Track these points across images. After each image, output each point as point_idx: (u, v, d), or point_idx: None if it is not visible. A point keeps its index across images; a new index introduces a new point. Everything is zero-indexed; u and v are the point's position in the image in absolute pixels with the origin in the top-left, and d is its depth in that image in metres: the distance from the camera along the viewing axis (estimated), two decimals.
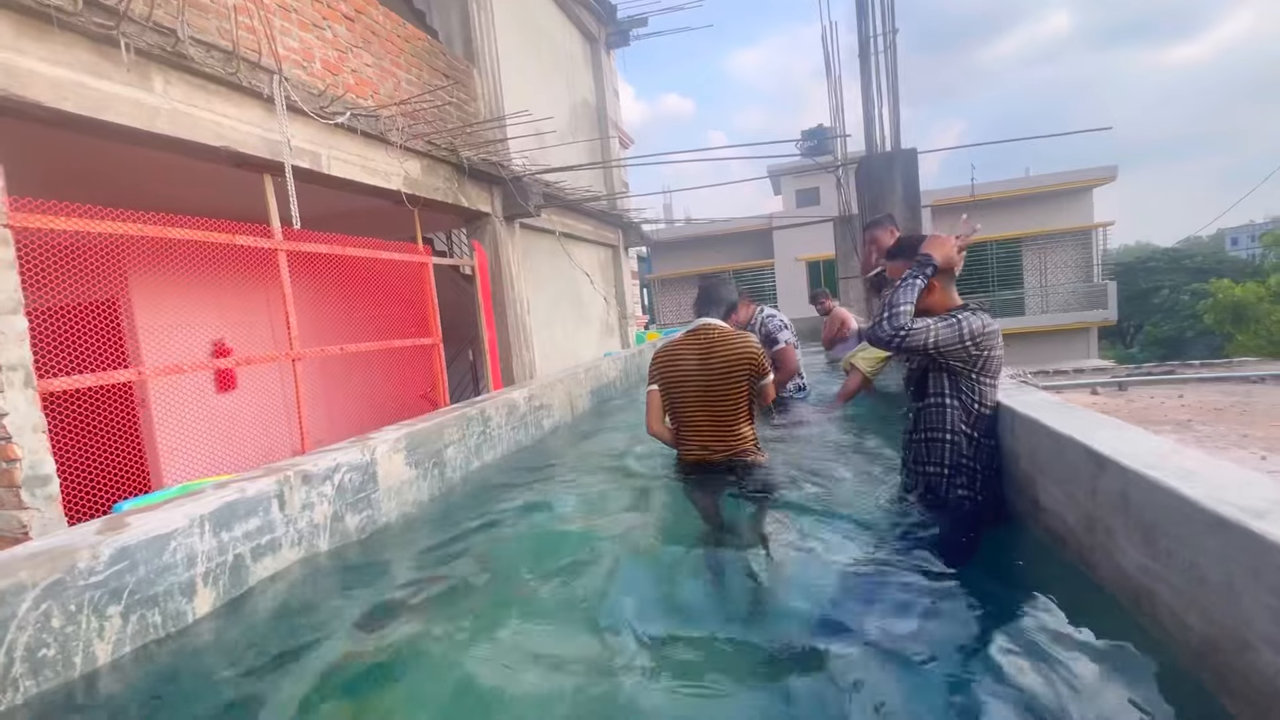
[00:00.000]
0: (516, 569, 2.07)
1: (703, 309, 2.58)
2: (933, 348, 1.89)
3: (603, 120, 10.35)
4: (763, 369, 2.45)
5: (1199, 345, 20.30)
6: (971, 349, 1.87)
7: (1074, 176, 16.47)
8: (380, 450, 2.46)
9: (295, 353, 3.92)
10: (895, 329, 1.91)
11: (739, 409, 2.44)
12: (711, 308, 2.57)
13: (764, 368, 2.45)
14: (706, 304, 2.59)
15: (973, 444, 1.91)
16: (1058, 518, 1.54)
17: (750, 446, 2.49)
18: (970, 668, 1.35)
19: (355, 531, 2.29)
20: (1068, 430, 1.50)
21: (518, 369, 6.40)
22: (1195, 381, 9.51)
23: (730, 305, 2.62)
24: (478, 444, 3.16)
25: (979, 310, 1.93)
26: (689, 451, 2.51)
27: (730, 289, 2.67)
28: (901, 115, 5.79)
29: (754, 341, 2.46)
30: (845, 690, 1.31)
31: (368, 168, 4.44)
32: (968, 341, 1.86)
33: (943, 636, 1.46)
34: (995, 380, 1.92)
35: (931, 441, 1.97)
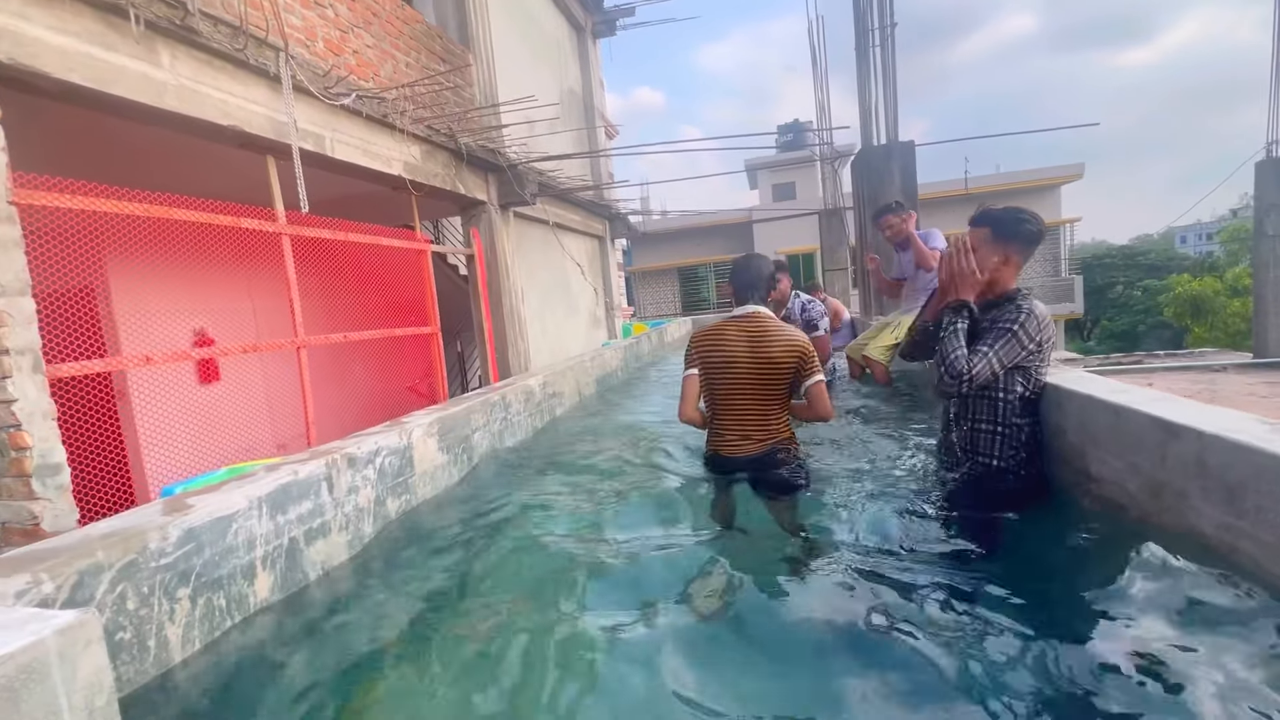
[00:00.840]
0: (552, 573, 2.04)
1: (746, 293, 2.40)
2: (1001, 369, 1.87)
3: (589, 110, 10.29)
4: (813, 366, 2.30)
5: (1152, 338, 21.21)
6: (1034, 347, 1.87)
7: (1044, 174, 17.00)
8: (416, 434, 2.42)
9: (301, 340, 3.82)
10: (957, 376, 1.86)
11: (783, 400, 2.35)
12: (754, 291, 2.39)
13: (814, 365, 2.31)
14: (750, 287, 2.39)
15: (1024, 431, 1.91)
16: (1115, 486, 1.61)
17: (791, 436, 2.40)
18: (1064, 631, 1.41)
19: (395, 515, 2.25)
20: (1129, 403, 1.56)
21: (513, 359, 6.34)
22: (1162, 371, 9.92)
23: (771, 282, 2.48)
24: (500, 429, 3.14)
25: (1029, 298, 1.94)
26: (726, 441, 2.37)
27: (768, 263, 2.50)
28: (888, 110, 5.93)
29: (803, 337, 2.34)
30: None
31: (370, 152, 4.34)
32: (1030, 344, 1.86)
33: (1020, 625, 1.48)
34: (1048, 364, 1.96)
35: (980, 432, 1.97)
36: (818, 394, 2.30)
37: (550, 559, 1.96)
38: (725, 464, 2.37)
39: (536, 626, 1.58)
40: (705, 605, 1.64)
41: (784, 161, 20.16)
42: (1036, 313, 1.89)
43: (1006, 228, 2.00)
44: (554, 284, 8.54)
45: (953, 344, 1.91)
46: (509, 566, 1.99)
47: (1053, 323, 1.94)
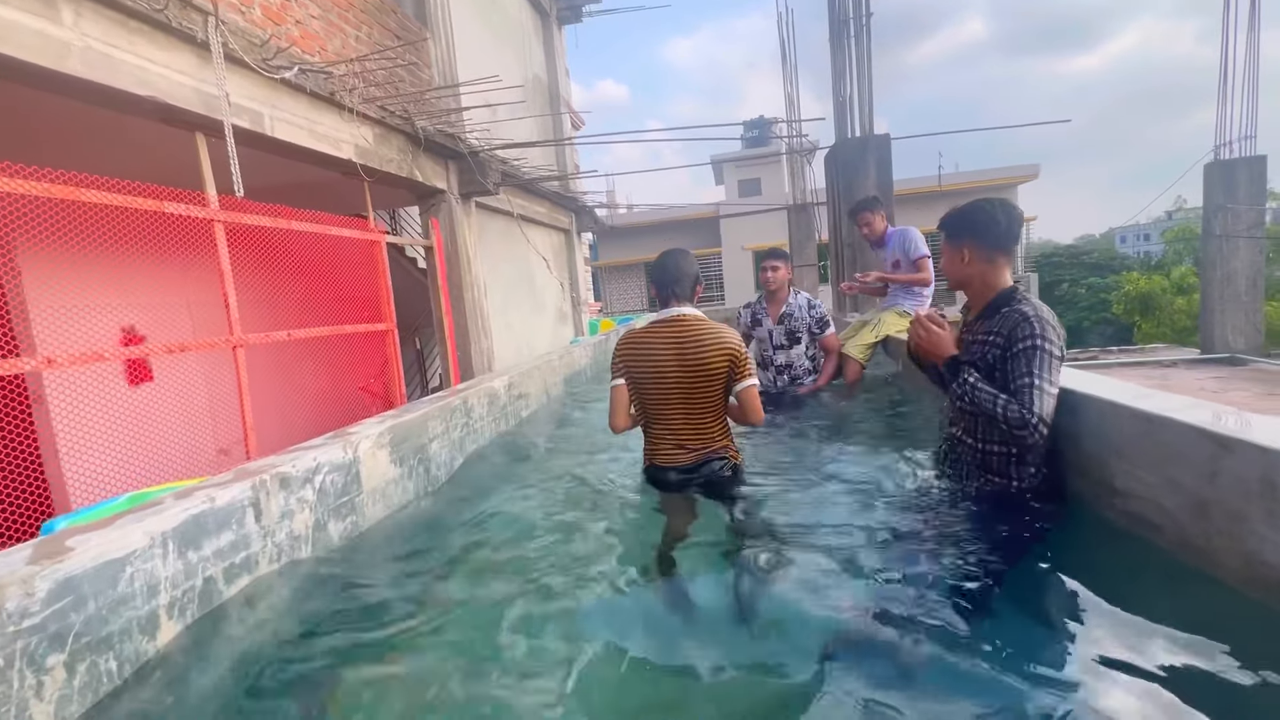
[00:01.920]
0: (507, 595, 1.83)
1: (668, 292, 2.18)
2: (1054, 390, 1.66)
3: (554, 98, 9.96)
4: (746, 369, 2.14)
5: (1095, 334, 22.04)
6: (1062, 355, 1.70)
7: (1003, 173, 17.38)
8: (363, 447, 2.14)
9: (238, 338, 3.46)
10: (1024, 426, 1.63)
11: (718, 406, 2.18)
12: (677, 290, 2.18)
13: (748, 367, 2.15)
14: (672, 284, 2.18)
15: (1041, 447, 1.72)
16: (1148, 503, 1.46)
17: (728, 443, 2.24)
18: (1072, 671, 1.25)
19: (339, 540, 1.98)
20: (1163, 411, 1.41)
21: (476, 357, 6.03)
22: (1117, 366, 10.17)
23: (695, 279, 2.24)
24: (461, 437, 2.87)
25: (1026, 300, 1.77)
26: (660, 452, 2.21)
27: (689, 260, 2.26)
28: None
29: (735, 335, 2.16)
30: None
31: (316, 132, 3.98)
32: (1060, 355, 1.67)
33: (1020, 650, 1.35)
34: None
35: (993, 454, 1.80)
36: (749, 398, 2.16)
37: (513, 594, 1.72)
38: (661, 475, 2.23)
39: (498, 676, 1.34)
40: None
41: (750, 157, 20.13)
42: (1044, 316, 1.71)
43: (951, 225, 1.89)
44: (519, 278, 8.22)
45: (984, 396, 1.70)
46: (470, 596, 1.75)
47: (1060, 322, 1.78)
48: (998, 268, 1.87)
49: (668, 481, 2.20)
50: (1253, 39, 8.98)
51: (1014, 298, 1.82)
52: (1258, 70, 9.01)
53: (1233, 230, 9.06)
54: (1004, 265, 1.87)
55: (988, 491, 1.84)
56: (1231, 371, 8.57)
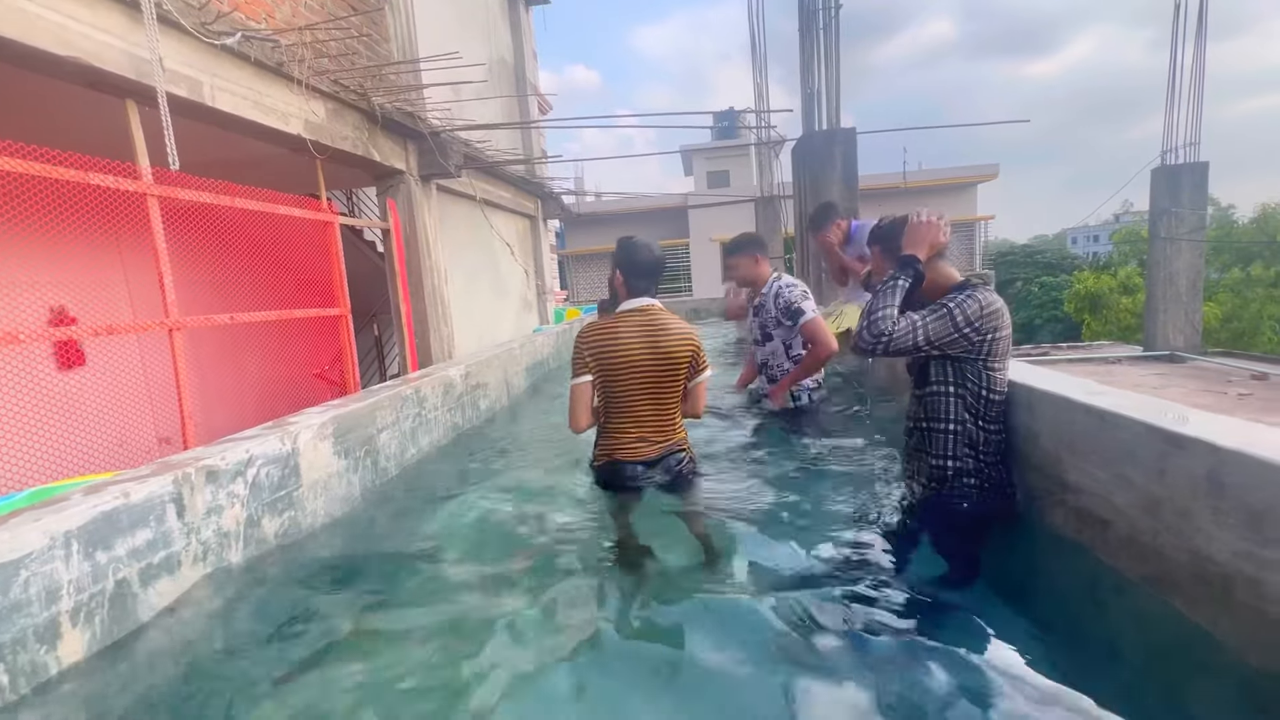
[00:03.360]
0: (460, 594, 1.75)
1: (636, 284, 2.18)
2: (925, 345, 1.76)
3: (521, 81, 9.72)
4: (705, 361, 2.20)
5: (1046, 331, 22.87)
6: (972, 335, 1.73)
7: (963, 172, 17.77)
8: (303, 438, 2.02)
9: (173, 321, 3.26)
10: (876, 336, 1.77)
11: (679, 398, 2.20)
12: (645, 280, 2.18)
13: (705, 361, 2.21)
14: (639, 276, 2.18)
15: (979, 432, 1.80)
16: (1098, 499, 1.47)
17: (685, 437, 2.27)
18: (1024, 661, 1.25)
19: (275, 538, 1.86)
20: (1116, 408, 1.42)
21: (436, 345, 5.86)
22: (1065, 362, 10.51)
23: (660, 270, 2.24)
24: (413, 428, 2.76)
25: (980, 287, 1.81)
26: (623, 445, 2.16)
27: (654, 250, 2.25)
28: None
29: (696, 332, 2.20)
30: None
31: (262, 105, 3.76)
32: (965, 329, 1.73)
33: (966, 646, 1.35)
34: (1004, 363, 1.81)
35: (934, 432, 1.86)
36: (700, 391, 2.23)
37: (461, 593, 1.65)
38: (622, 470, 2.15)
39: (440, 685, 1.27)
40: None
41: (719, 148, 20.12)
42: (980, 298, 1.74)
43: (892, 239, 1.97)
44: (482, 265, 8.02)
45: (885, 299, 1.80)
46: (413, 597, 1.67)
47: (1004, 316, 1.77)
48: (940, 268, 1.90)
49: (625, 477, 2.16)
50: (1199, 51, 9.34)
51: (968, 283, 1.84)
52: (1203, 81, 9.37)
53: (1176, 233, 9.45)
54: (944, 264, 1.92)
55: (933, 479, 1.86)
56: (1171, 368, 8.97)
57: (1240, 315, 13.53)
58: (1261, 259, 13.82)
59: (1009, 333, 1.79)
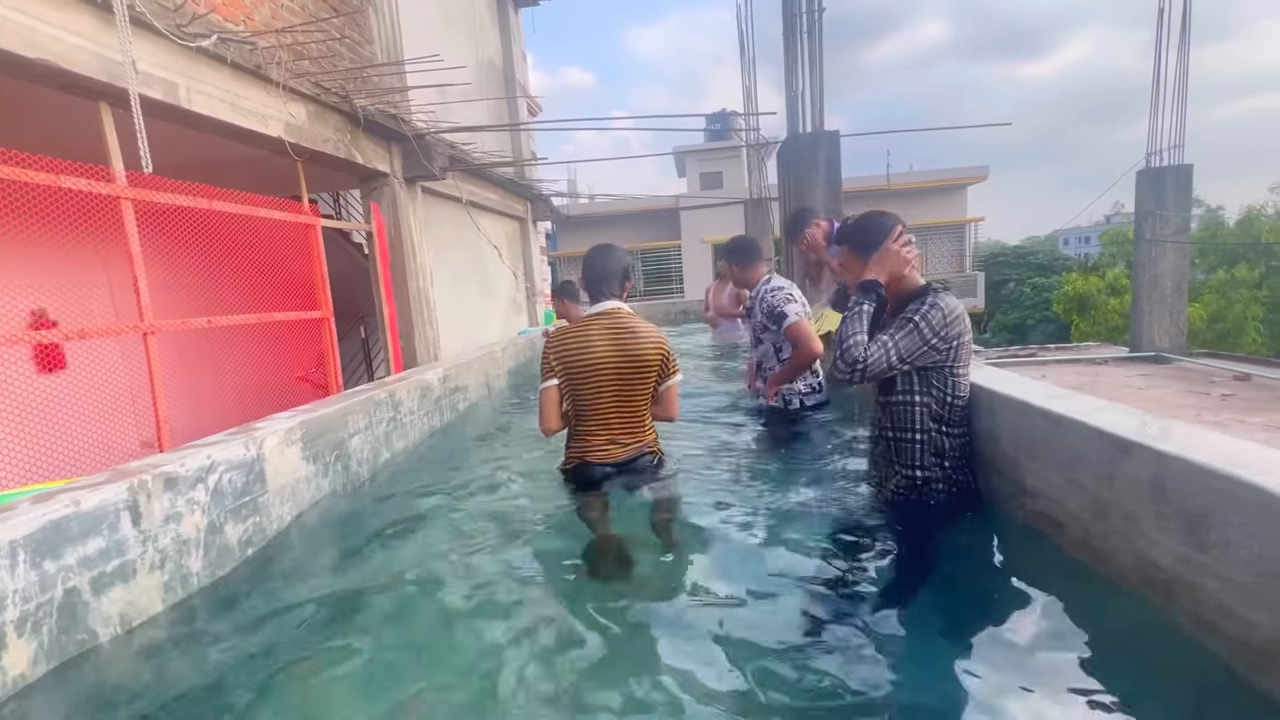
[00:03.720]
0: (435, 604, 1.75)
1: (600, 288, 2.20)
2: (899, 363, 1.76)
3: (510, 83, 9.71)
4: (674, 366, 2.22)
5: (1038, 332, 23.02)
6: (940, 344, 1.75)
7: (953, 174, 17.87)
8: (269, 443, 2.01)
9: (148, 325, 3.24)
10: (850, 365, 1.78)
11: (648, 400, 2.22)
12: (607, 286, 2.20)
13: (674, 365, 2.23)
14: (602, 280, 2.20)
15: (944, 440, 1.81)
16: (1053, 503, 1.48)
17: (655, 438, 2.28)
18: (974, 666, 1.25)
19: (239, 546, 1.85)
20: (1069, 412, 1.43)
21: (421, 347, 5.84)
22: (1054, 363, 10.59)
23: (625, 275, 2.25)
24: (388, 432, 2.75)
25: (940, 293, 1.80)
26: (593, 448, 2.18)
27: (620, 255, 2.28)
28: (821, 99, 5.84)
29: (663, 335, 2.22)
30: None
31: (240, 107, 3.74)
32: (933, 339, 1.74)
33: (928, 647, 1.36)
34: (967, 367, 1.83)
35: (901, 441, 1.86)
36: (673, 396, 2.25)
37: (436, 602, 1.64)
38: (592, 473, 2.17)
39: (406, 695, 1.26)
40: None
41: (712, 150, 20.17)
42: (943, 306, 1.75)
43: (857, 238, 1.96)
44: (469, 267, 8.01)
45: (853, 326, 1.82)
46: (381, 603, 1.66)
47: (965, 320, 1.78)
48: (908, 274, 1.89)
49: (594, 479, 2.17)
50: (1183, 55, 9.42)
51: (930, 288, 1.84)
52: (1187, 84, 9.45)
53: (1161, 235, 9.52)
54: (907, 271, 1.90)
55: (902, 488, 1.86)
56: (1156, 369, 9.02)
57: (1225, 316, 13.64)
58: (1246, 260, 13.95)
59: (970, 336, 1.81)
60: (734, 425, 3.12)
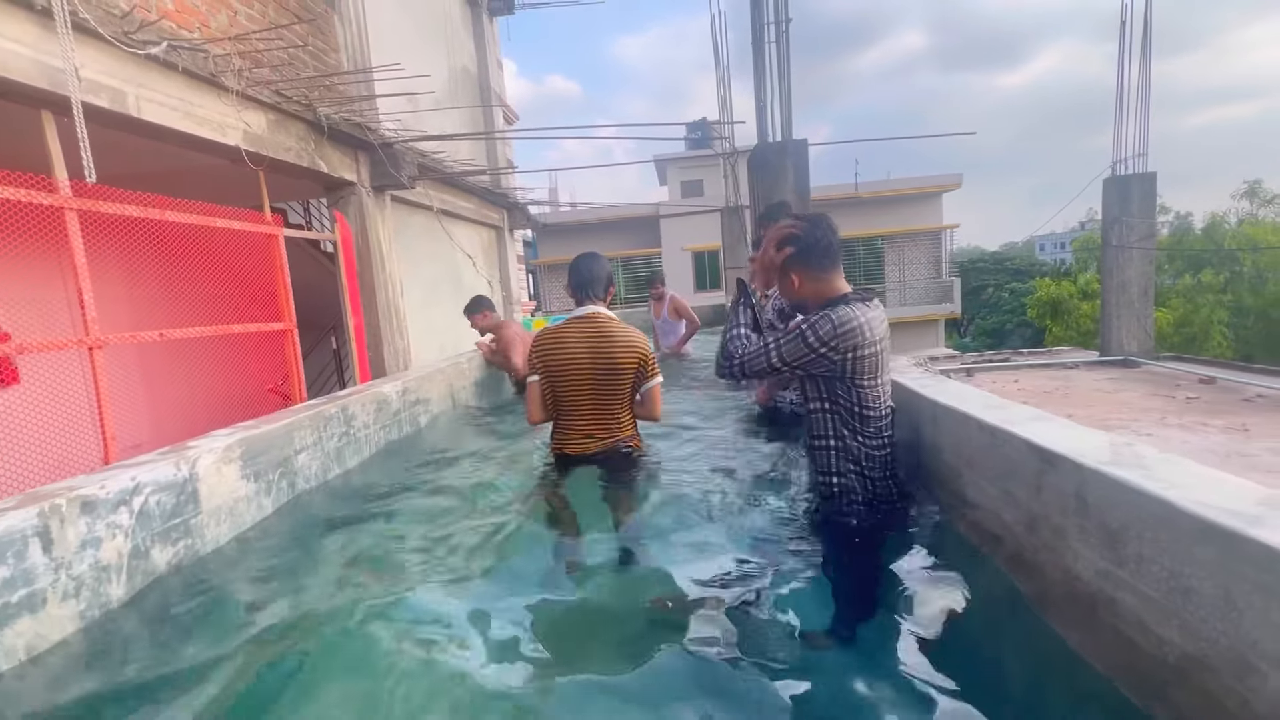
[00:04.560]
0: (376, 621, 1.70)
1: (584, 292, 2.39)
2: (781, 365, 1.73)
3: (485, 92, 9.69)
4: (652, 367, 2.37)
5: (1016, 336, 23.42)
6: (829, 354, 1.67)
7: (928, 181, 18.12)
8: (204, 462, 1.95)
9: (94, 339, 3.15)
10: (729, 358, 1.78)
11: (625, 399, 2.39)
12: (591, 290, 2.39)
13: (654, 366, 2.38)
14: (585, 288, 2.39)
15: (859, 447, 1.75)
16: (991, 515, 1.47)
17: (633, 433, 2.45)
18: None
19: (167, 569, 1.78)
20: (1003, 423, 1.42)
21: (390, 357, 5.76)
22: (1027, 368, 10.73)
23: (607, 281, 2.44)
24: (339, 447, 2.68)
25: (850, 304, 1.71)
26: (571, 441, 2.39)
27: (603, 263, 2.48)
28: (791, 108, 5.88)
29: (643, 338, 2.38)
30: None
31: (194, 115, 3.67)
32: (820, 349, 1.67)
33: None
34: (876, 378, 1.73)
35: (817, 448, 1.85)
36: (653, 396, 2.39)
37: (384, 620, 1.59)
38: (570, 462, 2.40)
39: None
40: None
41: (692, 158, 20.28)
42: (835, 318, 1.67)
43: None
44: (443, 276, 7.94)
45: (735, 322, 1.82)
46: (318, 625, 1.60)
47: (865, 333, 1.67)
48: (828, 281, 1.81)
49: (571, 466, 2.38)
50: (1145, 66, 9.65)
51: (837, 299, 1.76)
52: (1149, 94, 9.68)
53: (1127, 241, 9.71)
54: (834, 275, 1.81)
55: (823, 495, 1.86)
56: (1125, 373, 9.17)
57: (1192, 320, 13.96)
58: (1211, 266, 14.31)
59: (876, 349, 1.70)
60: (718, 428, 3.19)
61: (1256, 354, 12.40)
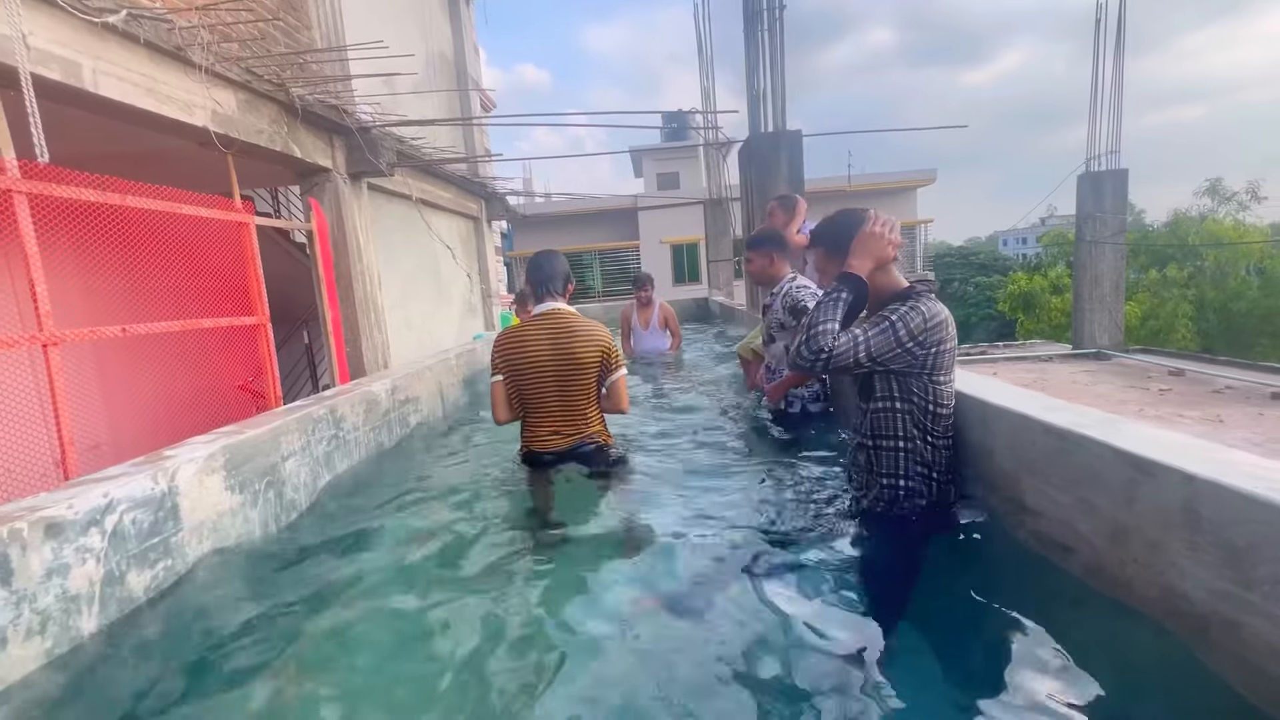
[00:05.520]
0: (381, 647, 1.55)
1: (543, 289, 2.39)
2: (867, 361, 1.66)
3: (462, 77, 9.37)
4: (616, 360, 2.36)
5: (981, 329, 23.95)
6: (915, 349, 1.64)
7: (903, 177, 18.30)
8: (184, 474, 1.75)
9: (48, 335, 2.88)
10: (815, 352, 1.67)
11: (590, 395, 2.37)
12: (550, 286, 2.38)
13: (617, 360, 2.37)
14: (545, 284, 2.38)
15: (929, 449, 1.71)
16: (1061, 524, 1.38)
17: (601, 429, 2.43)
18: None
19: (144, 593, 1.59)
20: (1075, 427, 1.33)
21: (368, 353, 5.51)
22: (1004, 360, 10.86)
23: (566, 278, 2.44)
24: (328, 452, 2.49)
25: (924, 296, 1.70)
26: (538, 438, 2.38)
27: (561, 260, 2.48)
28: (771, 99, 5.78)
29: (605, 330, 2.37)
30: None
31: (158, 93, 3.39)
32: (909, 343, 1.63)
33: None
34: (950, 375, 1.72)
35: (882, 449, 1.75)
36: (618, 389, 2.38)
37: (387, 629, 1.43)
38: (538, 459, 2.39)
39: None
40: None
41: (669, 150, 20.11)
42: (924, 310, 1.64)
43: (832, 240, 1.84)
44: (421, 268, 7.66)
45: (825, 314, 1.70)
46: (321, 652, 1.44)
47: (949, 327, 1.67)
48: (891, 273, 1.79)
49: (539, 464, 2.37)
50: (1118, 64, 9.84)
51: (913, 289, 1.73)
52: (1122, 92, 9.88)
53: (1100, 236, 9.92)
54: (892, 268, 1.79)
55: (883, 499, 1.76)
56: (1098, 365, 9.40)
57: (1158, 314, 14.41)
58: (1175, 261, 14.78)
59: (954, 344, 1.70)
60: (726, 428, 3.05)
61: (1217, 346, 12.89)
